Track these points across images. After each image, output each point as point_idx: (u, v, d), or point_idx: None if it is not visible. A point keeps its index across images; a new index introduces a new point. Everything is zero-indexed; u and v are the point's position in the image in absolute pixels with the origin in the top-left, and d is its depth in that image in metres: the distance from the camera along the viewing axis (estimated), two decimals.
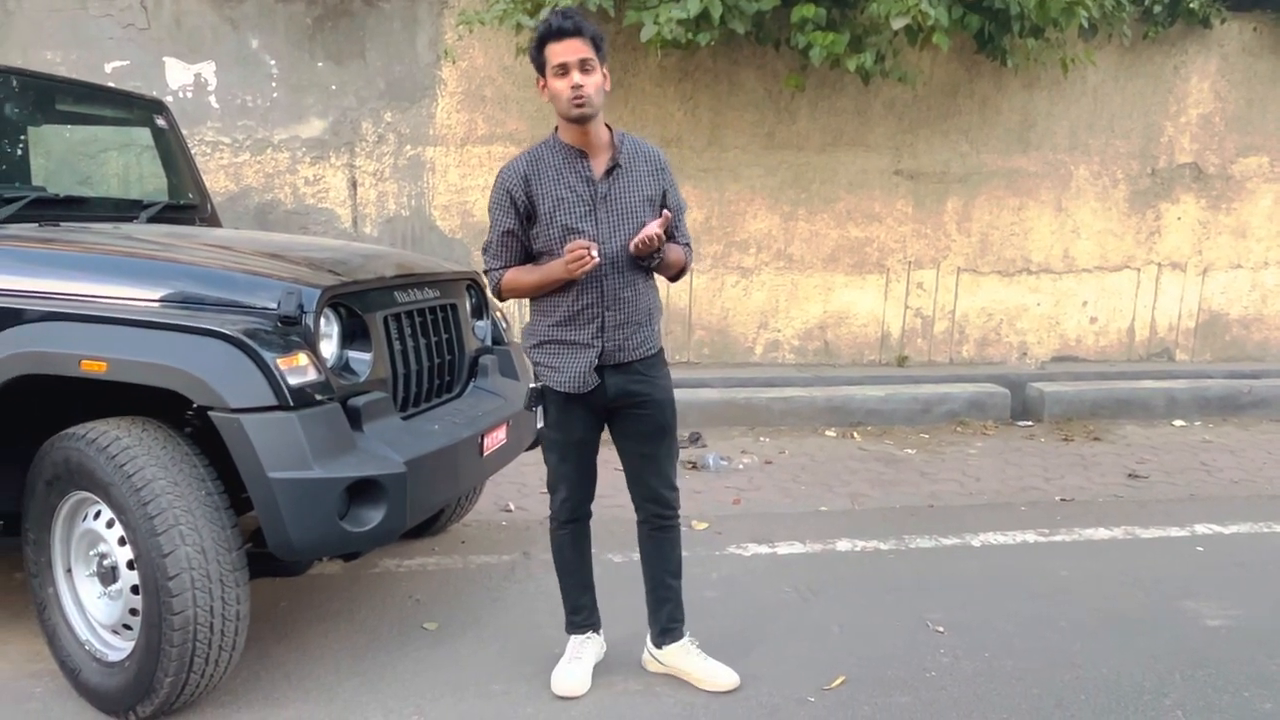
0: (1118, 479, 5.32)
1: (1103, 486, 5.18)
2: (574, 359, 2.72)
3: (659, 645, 2.98)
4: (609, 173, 2.68)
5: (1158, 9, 6.71)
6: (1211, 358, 7.62)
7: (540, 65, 2.61)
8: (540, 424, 2.83)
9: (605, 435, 2.89)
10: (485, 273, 2.83)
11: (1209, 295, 7.56)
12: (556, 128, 2.71)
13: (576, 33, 2.55)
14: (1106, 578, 3.88)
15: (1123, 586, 3.79)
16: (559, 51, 2.56)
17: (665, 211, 2.63)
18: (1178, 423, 6.64)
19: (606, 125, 2.72)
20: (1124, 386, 6.83)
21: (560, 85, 2.57)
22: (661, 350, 2.87)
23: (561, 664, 2.95)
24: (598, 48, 2.59)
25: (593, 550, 3.02)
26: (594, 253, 2.54)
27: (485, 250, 2.81)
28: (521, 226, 2.71)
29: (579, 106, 2.57)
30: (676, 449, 2.92)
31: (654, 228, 2.56)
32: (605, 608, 3.09)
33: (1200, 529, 4.47)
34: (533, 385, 2.83)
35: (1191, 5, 6.69)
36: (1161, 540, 4.33)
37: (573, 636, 3.01)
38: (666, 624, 2.98)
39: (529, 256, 2.75)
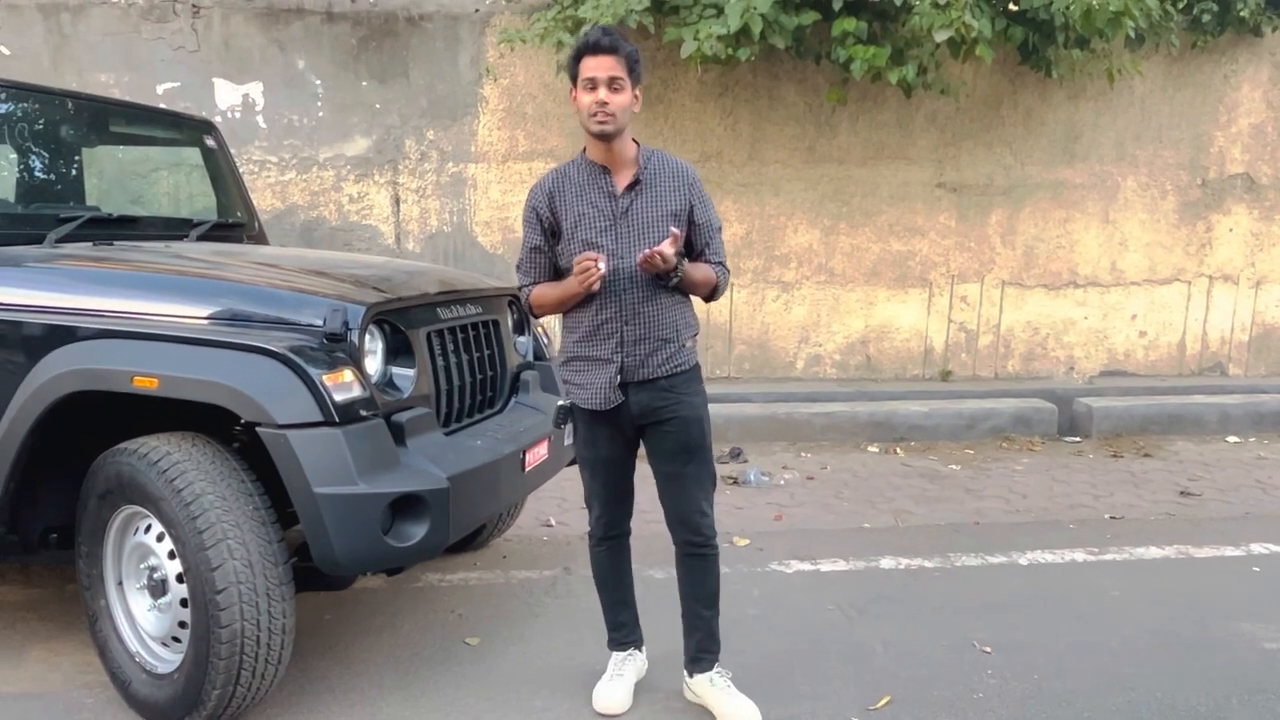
0: (1169, 496, 5.22)
1: (1154, 504, 5.08)
2: (596, 375, 2.72)
3: (689, 674, 2.93)
4: (630, 188, 2.69)
5: (1206, 18, 6.61)
6: (1266, 372, 7.47)
7: (574, 76, 2.64)
8: (569, 441, 2.84)
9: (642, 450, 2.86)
10: (519, 289, 2.86)
11: (1263, 308, 7.41)
12: (585, 146, 2.74)
13: (612, 50, 2.57)
14: (1159, 598, 3.80)
15: (1176, 607, 3.71)
16: (591, 66, 2.58)
17: (674, 230, 2.58)
18: (1231, 439, 6.51)
19: (635, 141, 2.73)
20: (1175, 402, 6.70)
21: (587, 99, 2.59)
22: (696, 368, 2.82)
23: (603, 681, 2.93)
24: (631, 69, 2.61)
25: (633, 566, 3.01)
26: (600, 265, 2.54)
27: (518, 267, 2.85)
28: (547, 242, 2.74)
29: (600, 123, 2.59)
30: (710, 473, 2.83)
31: (663, 246, 2.54)
32: (646, 624, 3.07)
33: (1257, 548, 4.36)
34: (561, 403, 2.82)
35: (1242, 13, 6.58)
36: (1216, 560, 4.24)
37: (614, 653, 2.99)
38: (695, 654, 2.91)
39: (558, 273, 2.76)
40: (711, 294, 2.84)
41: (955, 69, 6.39)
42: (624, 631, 2.99)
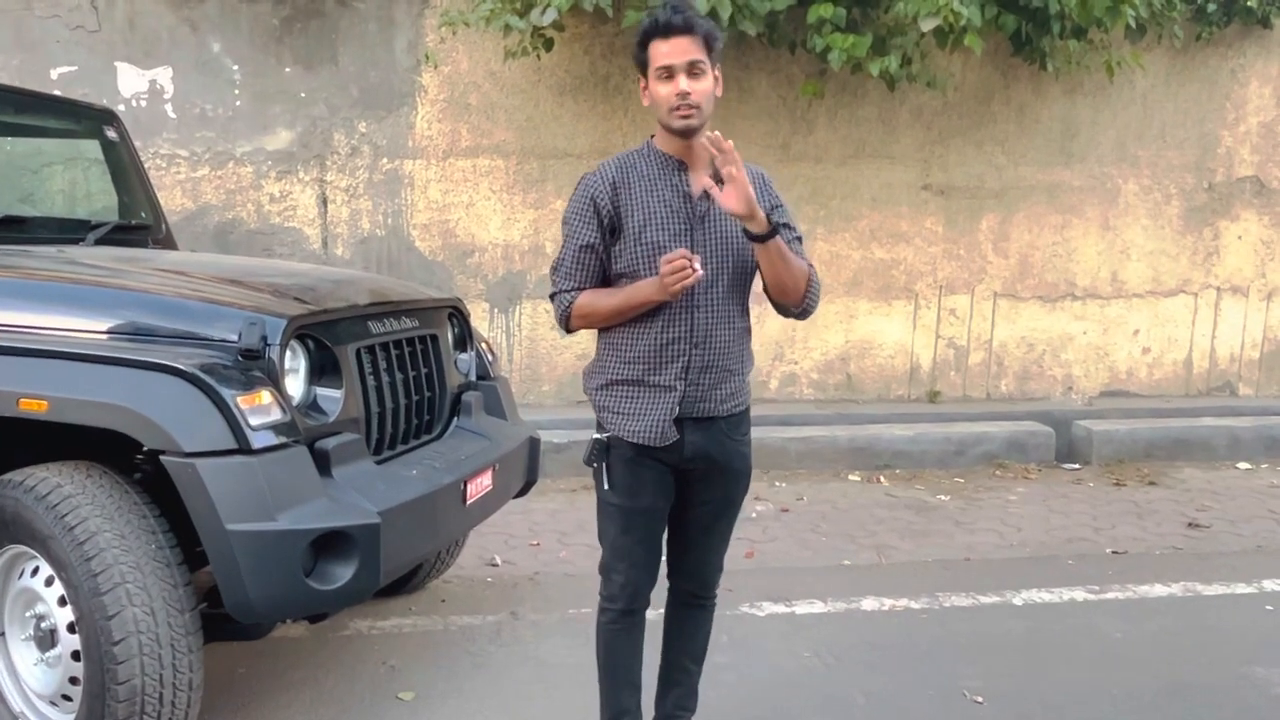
0: (1176, 529, 5.30)
1: (1159, 537, 5.15)
2: (650, 403, 2.54)
3: None
4: (709, 190, 2.47)
5: (1212, 8, 6.76)
6: (1278, 392, 7.62)
7: (643, 65, 2.48)
8: (604, 486, 2.62)
9: None
10: (552, 296, 2.63)
11: (1275, 323, 7.56)
12: (653, 135, 2.61)
13: (687, 30, 2.41)
14: (1165, 640, 3.85)
15: (1183, 650, 3.76)
16: (665, 52, 2.42)
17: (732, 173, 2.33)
18: (1242, 465, 6.63)
19: None
20: (1181, 425, 6.81)
21: (664, 91, 2.43)
22: (748, 409, 2.71)
23: None
24: (710, 47, 2.45)
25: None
26: (696, 265, 2.34)
27: (555, 269, 2.62)
28: (603, 241, 2.55)
29: (684, 118, 2.44)
30: (734, 525, 2.79)
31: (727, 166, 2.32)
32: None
33: (1270, 585, 4.44)
34: (597, 436, 2.60)
35: (1249, 3, 6.74)
36: (1226, 598, 4.31)
37: None
38: (672, 710, 2.87)
39: (606, 279, 2.59)
40: (804, 297, 2.60)
41: (942, 60, 6.48)
42: (629, 718, 2.78)
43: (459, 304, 3.89)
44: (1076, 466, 6.52)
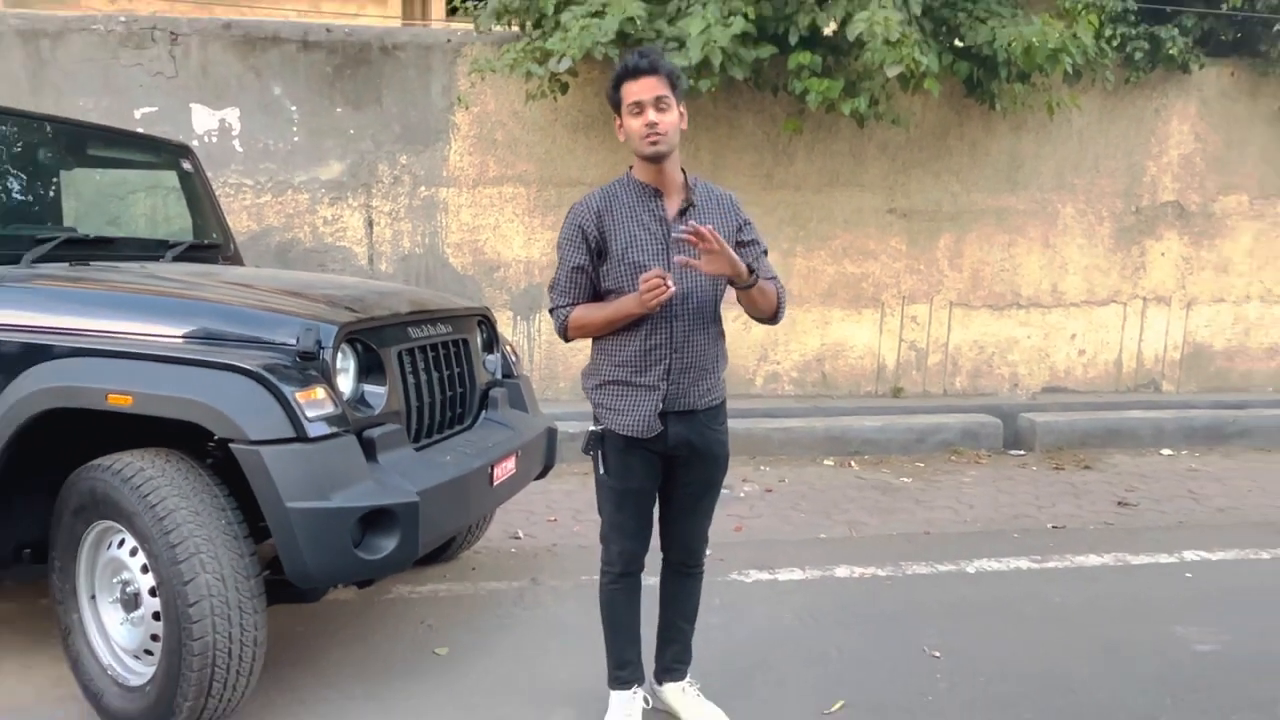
0: (1108, 507, 5.29)
1: (1093, 514, 5.15)
2: (637, 401, 2.57)
3: (659, 682, 2.91)
4: (683, 213, 2.55)
5: (1139, 55, 6.75)
6: (1197, 388, 7.60)
7: (616, 104, 2.51)
8: (600, 471, 2.66)
9: None
10: (551, 310, 2.65)
11: (1193, 328, 7.55)
12: (631, 166, 2.61)
13: (652, 71, 2.44)
14: (1098, 604, 3.85)
15: (1114, 612, 3.76)
16: (635, 90, 2.44)
17: (698, 226, 2.38)
18: (1165, 452, 6.62)
19: (681, 169, 2.62)
20: (1112, 417, 6.81)
21: (636, 123, 2.46)
22: (725, 402, 2.72)
23: None
24: (674, 85, 2.48)
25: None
26: (669, 282, 2.38)
27: (552, 288, 2.65)
28: (592, 263, 2.57)
29: (653, 144, 2.46)
30: (716, 502, 2.80)
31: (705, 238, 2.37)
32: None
33: (1189, 555, 4.43)
34: (592, 429, 2.65)
35: (1171, 51, 6.73)
36: (1151, 566, 4.30)
37: (617, 692, 2.81)
38: (670, 664, 2.89)
39: (597, 295, 2.61)
40: (775, 313, 2.69)
41: (905, 101, 6.47)
42: (629, 669, 2.81)
43: (487, 312, 3.89)
44: (1021, 453, 6.51)
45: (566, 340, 2.70)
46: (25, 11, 6.21)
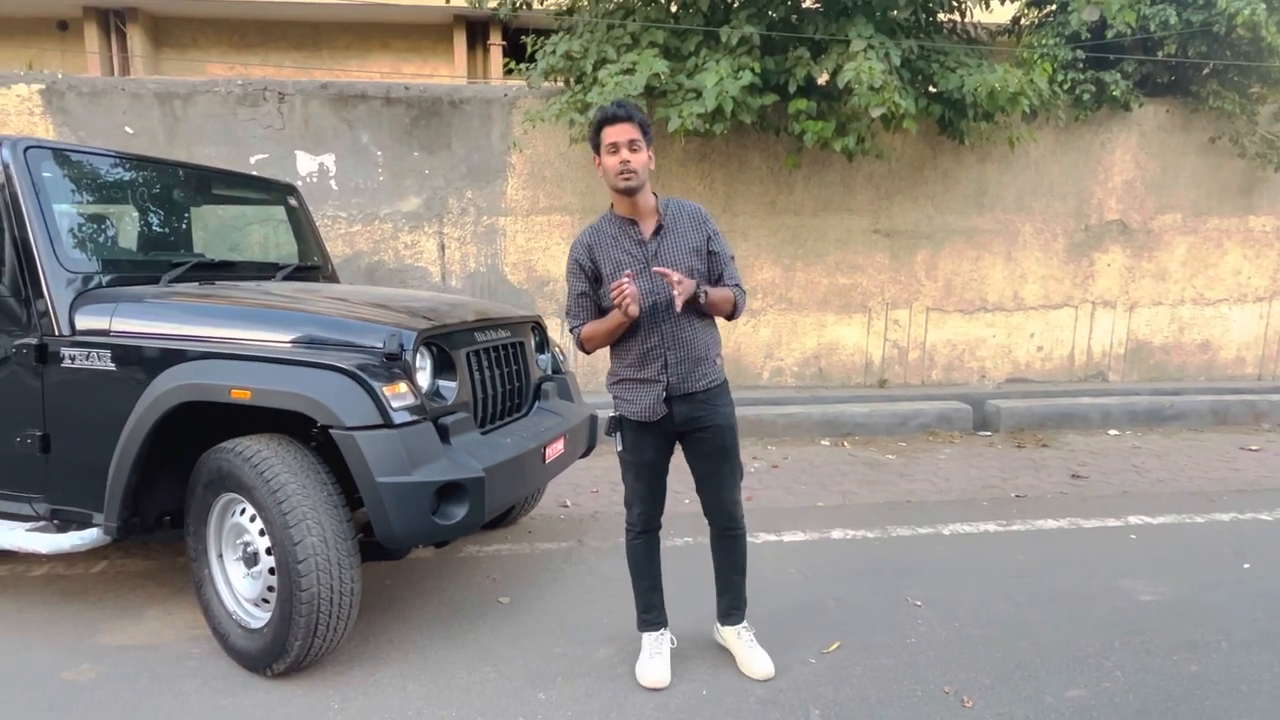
0: (1063, 479, 5.21)
1: (1050, 485, 5.07)
2: (645, 393, 2.60)
3: (721, 624, 2.89)
4: (656, 233, 2.58)
5: (1086, 96, 6.66)
6: (1139, 378, 7.47)
7: (596, 145, 2.53)
8: (619, 448, 2.71)
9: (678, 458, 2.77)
10: (570, 330, 2.70)
11: (1135, 327, 7.42)
12: (611, 204, 2.63)
13: (628, 119, 2.48)
14: (1055, 561, 3.79)
15: (1069, 568, 3.70)
16: (612, 134, 2.48)
17: (667, 273, 2.43)
18: (1112, 432, 6.51)
19: (654, 194, 2.62)
20: (1066, 403, 6.70)
21: (611, 161, 2.49)
22: (725, 382, 2.70)
23: (644, 659, 2.75)
24: (645, 132, 2.51)
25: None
26: (626, 283, 2.41)
27: (567, 313, 2.70)
28: (591, 288, 2.62)
29: (626, 179, 2.49)
30: (739, 469, 2.75)
31: (673, 278, 2.42)
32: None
33: (1133, 520, 4.36)
34: (611, 415, 2.70)
35: (1114, 93, 6.63)
36: (1100, 529, 4.24)
37: (646, 634, 2.81)
38: (728, 610, 2.86)
39: (602, 313, 2.63)
40: (733, 312, 2.67)
41: (887, 138, 6.42)
42: (654, 613, 2.81)
43: (539, 319, 3.91)
44: (989, 434, 6.43)
45: (585, 353, 2.72)
46: (161, 78, 6.33)
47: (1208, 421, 6.71)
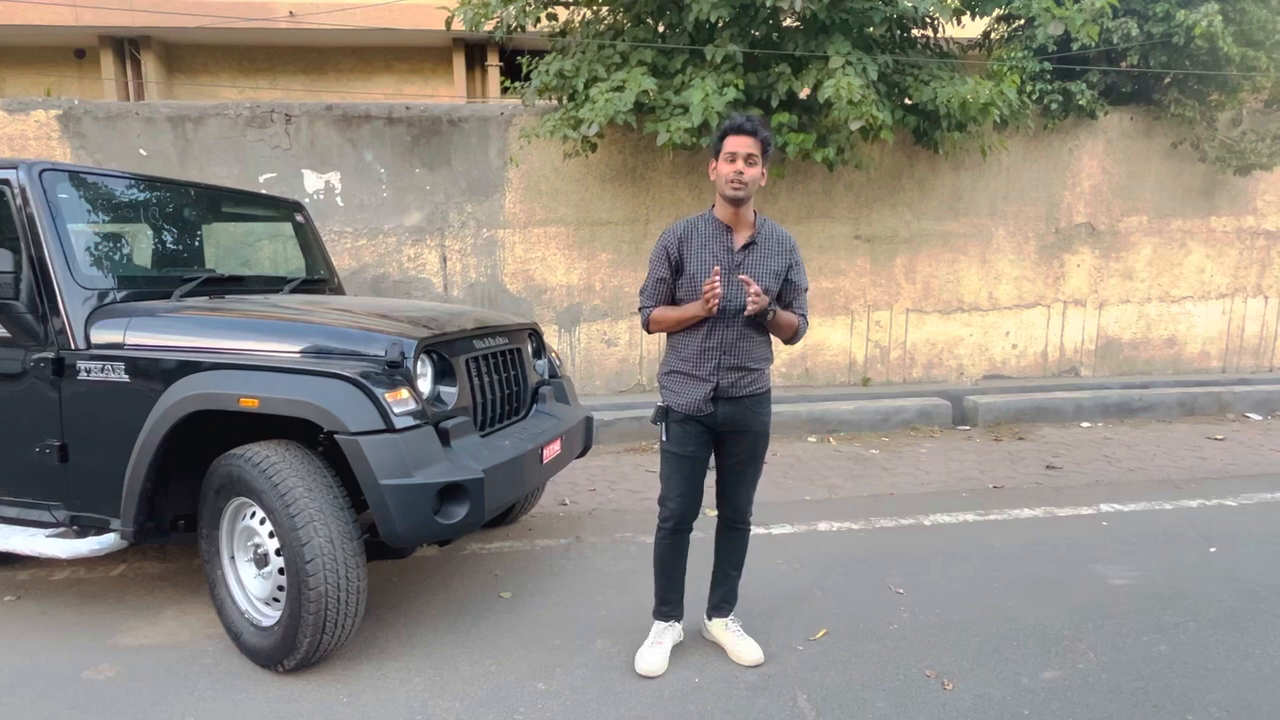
0: (1038, 470, 5.21)
1: (1026, 476, 5.07)
2: (694, 388, 2.59)
3: (709, 617, 2.89)
4: (746, 247, 2.56)
5: (1054, 106, 6.67)
6: (1109, 373, 7.47)
7: (716, 150, 2.50)
8: (663, 438, 2.66)
9: None
10: (640, 309, 2.69)
11: (1105, 325, 7.43)
12: (714, 205, 2.60)
13: (753, 133, 2.45)
14: (1031, 547, 3.79)
15: (1044, 554, 3.70)
16: (734, 144, 2.45)
17: (750, 283, 2.44)
18: (1084, 424, 6.51)
19: (754, 210, 2.61)
20: (1041, 397, 6.71)
21: (726, 169, 2.47)
22: (769, 391, 2.69)
23: (645, 646, 2.76)
24: (765, 150, 2.48)
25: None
26: (718, 285, 2.43)
27: (641, 291, 2.68)
28: (671, 276, 2.60)
29: (735, 189, 2.47)
30: (760, 472, 2.76)
31: (755, 287, 2.45)
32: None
33: (1105, 508, 4.36)
34: (660, 405, 2.67)
35: (1081, 102, 6.64)
36: (1074, 517, 4.24)
37: (657, 622, 2.81)
38: (719, 603, 2.86)
39: (673, 300, 2.64)
40: (792, 337, 2.67)
41: (866, 148, 6.42)
42: (671, 606, 2.81)
43: (536, 326, 3.90)
44: (967, 428, 6.43)
45: (649, 332, 2.71)
46: (173, 102, 6.32)
47: (1175, 413, 6.72)
